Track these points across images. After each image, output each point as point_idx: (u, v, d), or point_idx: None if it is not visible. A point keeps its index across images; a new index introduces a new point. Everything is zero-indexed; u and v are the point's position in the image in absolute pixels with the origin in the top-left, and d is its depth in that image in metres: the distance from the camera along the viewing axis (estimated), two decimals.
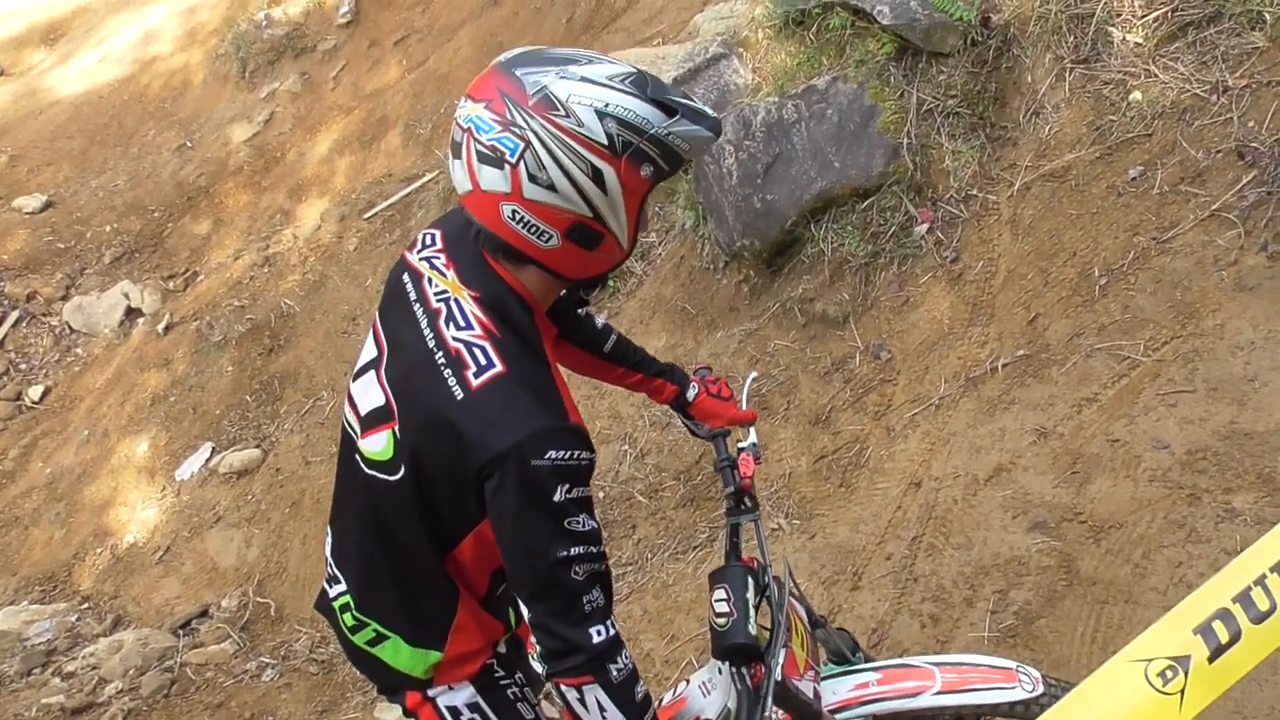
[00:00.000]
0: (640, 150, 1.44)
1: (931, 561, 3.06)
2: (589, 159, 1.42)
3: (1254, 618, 1.06)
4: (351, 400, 1.70)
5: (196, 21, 9.64)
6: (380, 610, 1.72)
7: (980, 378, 3.44)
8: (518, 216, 1.45)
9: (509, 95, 1.42)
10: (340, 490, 1.79)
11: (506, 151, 1.41)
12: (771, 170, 4.13)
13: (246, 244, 7.52)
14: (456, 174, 1.50)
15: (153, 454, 6.25)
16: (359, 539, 1.72)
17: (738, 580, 1.67)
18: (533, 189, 1.43)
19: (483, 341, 1.50)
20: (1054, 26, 3.81)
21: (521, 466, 1.42)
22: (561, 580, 1.46)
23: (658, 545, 3.83)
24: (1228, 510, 2.59)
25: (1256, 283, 2.96)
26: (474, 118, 1.44)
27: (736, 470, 1.90)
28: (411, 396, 1.57)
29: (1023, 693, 1.81)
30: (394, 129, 7.48)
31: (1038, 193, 3.70)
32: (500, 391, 1.46)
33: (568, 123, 1.40)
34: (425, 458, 1.55)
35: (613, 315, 4.91)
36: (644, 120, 1.43)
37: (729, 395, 2.07)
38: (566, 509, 1.45)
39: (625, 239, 1.53)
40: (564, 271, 1.55)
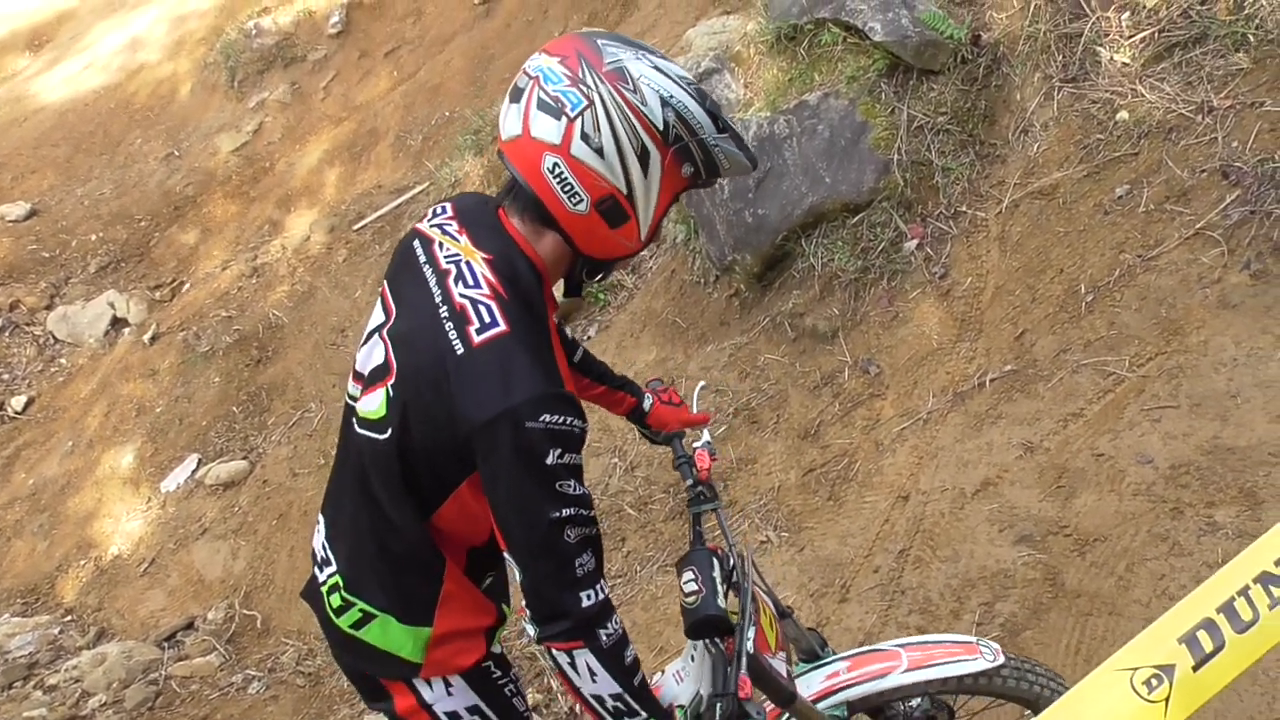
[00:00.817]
0: (688, 148, 1.52)
1: (919, 574, 3.08)
2: (643, 137, 1.48)
3: (1237, 628, 1.08)
4: (355, 368, 1.70)
5: (185, 30, 9.63)
6: (368, 587, 1.71)
7: (968, 393, 3.47)
8: (557, 171, 1.49)
9: (586, 57, 1.48)
10: (338, 467, 1.79)
11: (569, 104, 1.46)
12: (763, 185, 4.16)
13: (234, 254, 7.50)
14: (509, 118, 1.53)
15: (138, 465, 6.21)
16: (352, 512, 1.71)
17: (704, 561, 1.71)
18: (581, 147, 1.47)
19: (489, 300, 1.52)
20: (1043, 45, 3.86)
21: (516, 429, 1.43)
22: (554, 543, 1.47)
23: (647, 558, 3.84)
24: (1210, 524, 2.62)
25: (1240, 300, 3.00)
26: (544, 68, 1.49)
27: (694, 465, 2.02)
28: (411, 349, 1.58)
29: (984, 663, 1.89)
30: (384, 140, 7.49)
31: (1026, 210, 3.74)
32: (500, 351, 1.48)
33: (634, 98, 1.47)
34: (413, 413, 1.56)
35: (604, 328, 4.93)
36: (699, 123, 1.51)
37: (679, 401, 2.21)
38: (559, 473, 1.46)
39: (646, 229, 1.57)
40: (581, 243, 1.58)
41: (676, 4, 5.93)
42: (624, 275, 5.04)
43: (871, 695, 1.93)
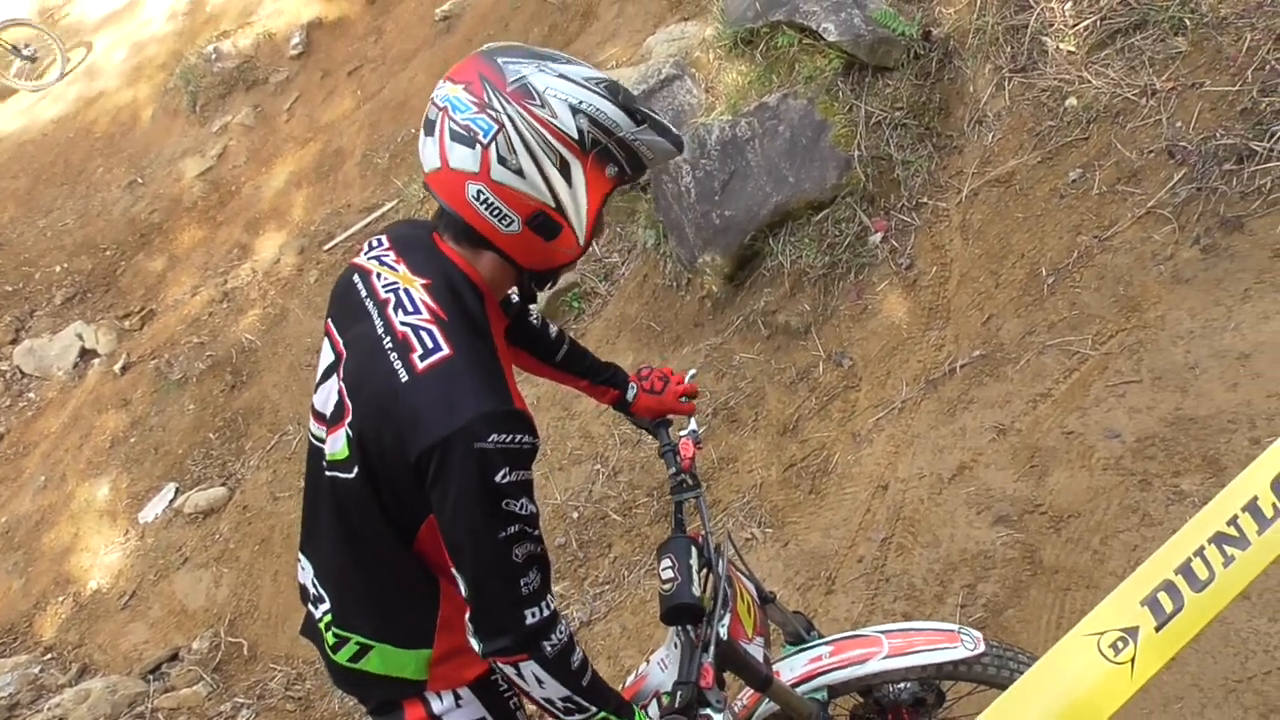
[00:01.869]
0: (607, 150, 1.52)
1: (902, 561, 3.14)
2: (559, 150, 1.48)
3: (1195, 587, 1.14)
4: (315, 410, 1.71)
5: (143, 56, 9.56)
6: (360, 620, 1.72)
7: (940, 379, 3.54)
8: (482, 197, 1.50)
9: (489, 79, 1.47)
10: (309, 508, 1.79)
11: (480, 132, 1.46)
12: (728, 187, 4.22)
13: (204, 280, 7.46)
14: (427, 151, 1.53)
15: (114, 497, 6.16)
16: (331, 549, 1.72)
17: (681, 549, 1.75)
18: (501, 171, 1.48)
19: (429, 325, 1.52)
20: (991, 38, 3.95)
21: (464, 450, 1.44)
22: (500, 562, 1.49)
23: (634, 562, 3.88)
24: (1177, 493, 2.70)
25: (1192, 275, 3.09)
26: (451, 97, 1.49)
27: (677, 454, 2.05)
28: (361, 385, 1.58)
29: (965, 651, 1.93)
30: (351, 159, 7.48)
31: (985, 198, 3.83)
32: (445, 374, 1.48)
33: (542, 113, 1.46)
34: (372, 446, 1.56)
35: (580, 335, 4.96)
36: (614, 123, 1.50)
37: (662, 387, 2.20)
38: (507, 491, 1.47)
39: (582, 235, 1.57)
40: (520, 259, 1.59)
41: (635, 13, 5.98)
42: (597, 283, 5.09)
43: (852, 680, 1.98)
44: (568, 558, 4.05)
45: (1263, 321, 2.84)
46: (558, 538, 4.12)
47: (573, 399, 4.58)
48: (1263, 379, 2.74)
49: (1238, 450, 2.65)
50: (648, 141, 1.54)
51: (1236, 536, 1.14)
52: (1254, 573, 1.13)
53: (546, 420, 4.57)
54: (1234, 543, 1.14)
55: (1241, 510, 1.15)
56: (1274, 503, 1.14)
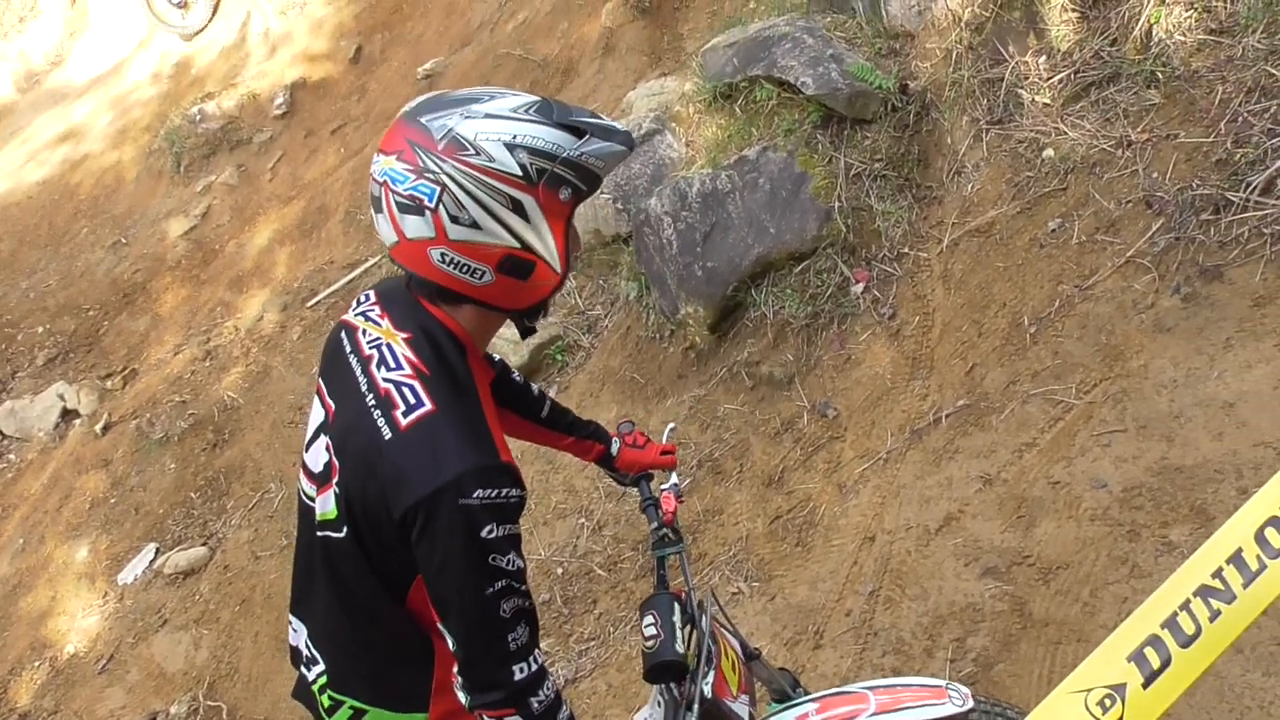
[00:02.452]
0: (555, 175, 1.47)
1: (890, 614, 3.10)
2: (506, 191, 1.45)
3: (1181, 642, 1.11)
4: (306, 468, 1.69)
5: (128, 119, 9.63)
6: (355, 683, 1.69)
7: (924, 429, 3.53)
8: (447, 259, 1.48)
9: (417, 143, 1.45)
10: (301, 568, 1.77)
11: (424, 198, 1.44)
12: (710, 239, 4.24)
13: (186, 339, 7.43)
14: (381, 228, 1.52)
15: (93, 559, 6.06)
16: (324, 610, 1.70)
17: (664, 606, 1.73)
18: (457, 230, 1.45)
19: (412, 380, 1.51)
20: (967, 90, 4.01)
21: (450, 507, 1.42)
22: (488, 618, 1.46)
23: (619, 618, 3.81)
24: (1166, 544, 2.68)
25: (1173, 323, 3.10)
26: (388, 170, 1.47)
27: (659, 508, 2.04)
28: (347, 444, 1.57)
29: (952, 708, 1.90)
30: (334, 216, 7.51)
31: (966, 248, 3.85)
32: (429, 431, 1.47)
33: (479, 160, 1.43)
34: (358, 505, 1.55)
35: (563, 388, 4.94)
36: (555, 146, 1.46)
37: (644, 443, 2.20)
38: (494, 547, 1.44)
39: (557, 262, 1.55)
40: (502, 304, 1.58)
41: (615, 69, 6.07)
42: (580, 335, 5.08)
43: None
44: (552, 614, 3.98)
45: (1246, 370, 2.84)
46: (542, 593, 4.05)
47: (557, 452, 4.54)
48: (1248, 428, 2.73)
49: (1225, 500, 2.63)
50: (594, 152, 1.49)
51: (1221, 589, 1.12)
52: (1241, 627, 1.10)
53: (530, 474, 4.53)
54: (1219, 595, 1.12)
55: (1226, 562, 1.13)
56: (1258, 554, 1.12)
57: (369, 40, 8.76)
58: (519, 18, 7.36)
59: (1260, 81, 3.21)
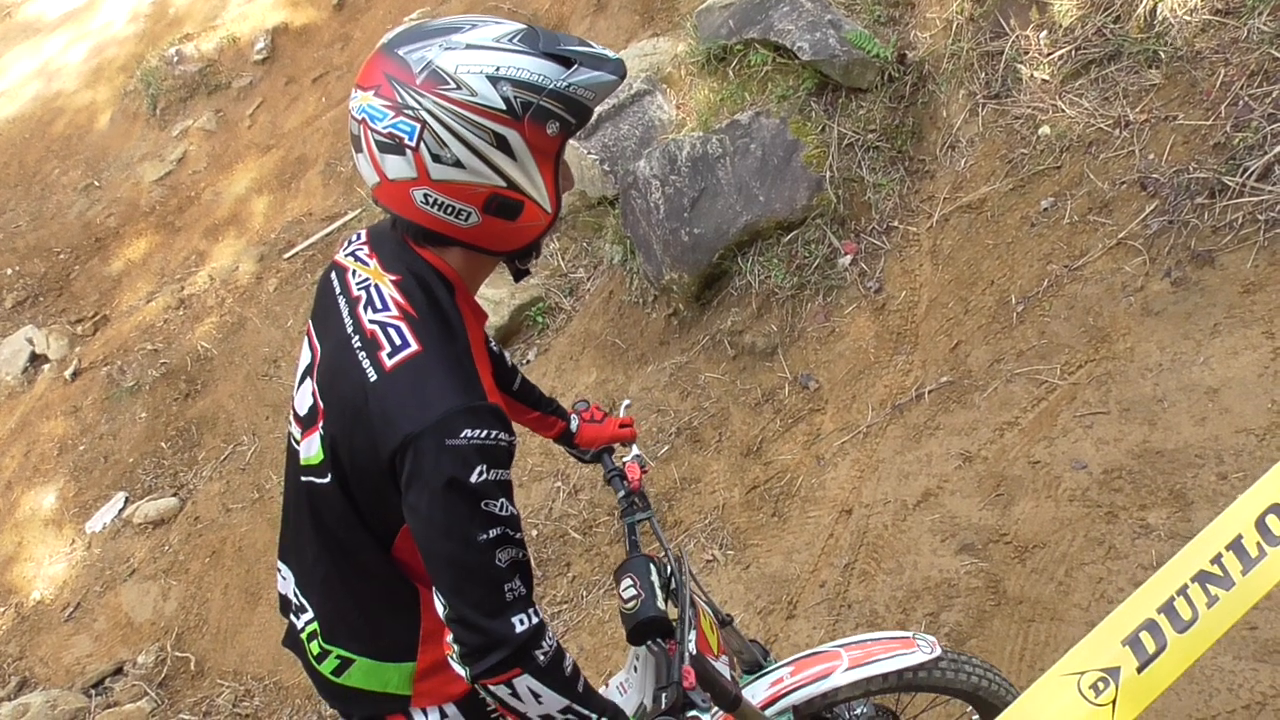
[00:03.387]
0: (542, 108, 1.39)
1: (865, 587, 3.10)
2: (490, 127, 1.37)
3: (1178, 627, 1.09)
4: (294, 411, 1.65)
5: (103, 58, 9.38)
6: (343, 632, 1.66)
7: (906, 405, 3.51)
8: (430, 200, 1.41)
9: (395, 78, 1.37)
10: (289, 514, 1.73)
11: (404, 136, 1.37)
12: (698, 204, 4.18)
13: (160, 286, 7.29)
14: (362, 167, 1.46)
15: (60, 506, 5.98)
16: (312, 557, 1.66)
17: (641, 567, 1.71)
18: (439, 169, 1.39)
19: (398, 321, 1.46)
20: (966, 63, 3.96)
21: (437, 447, 1.36)
22: (482, 567, 1.40)
23: (593, 582, 3.80)
24: (1143, 526, 2.68)
25: (1162, 308, 3.08)
26: (365, 107, 1.40)
27: (624, 477, 2.04)
28: (332, 386, 1.53)
29: (922, 655, 1.94)
30: (314, 167, 7.36)
31: (956, 224, 3.81)
32: (414, 371, 1.42)
33: (460, 95, 1.35)
34: (344, 450, 1.50)
35: (543, 352, 4.89)
36: (540, 77, 1.38)
37: (601, 417, 2.20)
38: (486, 490, 1.38)
39: (547, 201, 1.48)
40: (490, 246, 1.51)
41: (606, 27, 5.95)
42: (562, 297, 5.02)
43: (816, 697, 1.96)
44: None
45: (1232, 357, 2.83)
46: None
47: None
48: (1231, 415, 2.73)
49: (1205, 486, 2.63)
50: (583, 82, 1.40)
51: (1221, 576, 1.10)
52: (1239, 613, 1.08)
53: None
54: (1218, 582, 1.10)
55: (1225, 548, 1.10)
56: (1258, 541, 1.10)
57: None
58: None
59: (1264, 65, 3.18)
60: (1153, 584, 1.14)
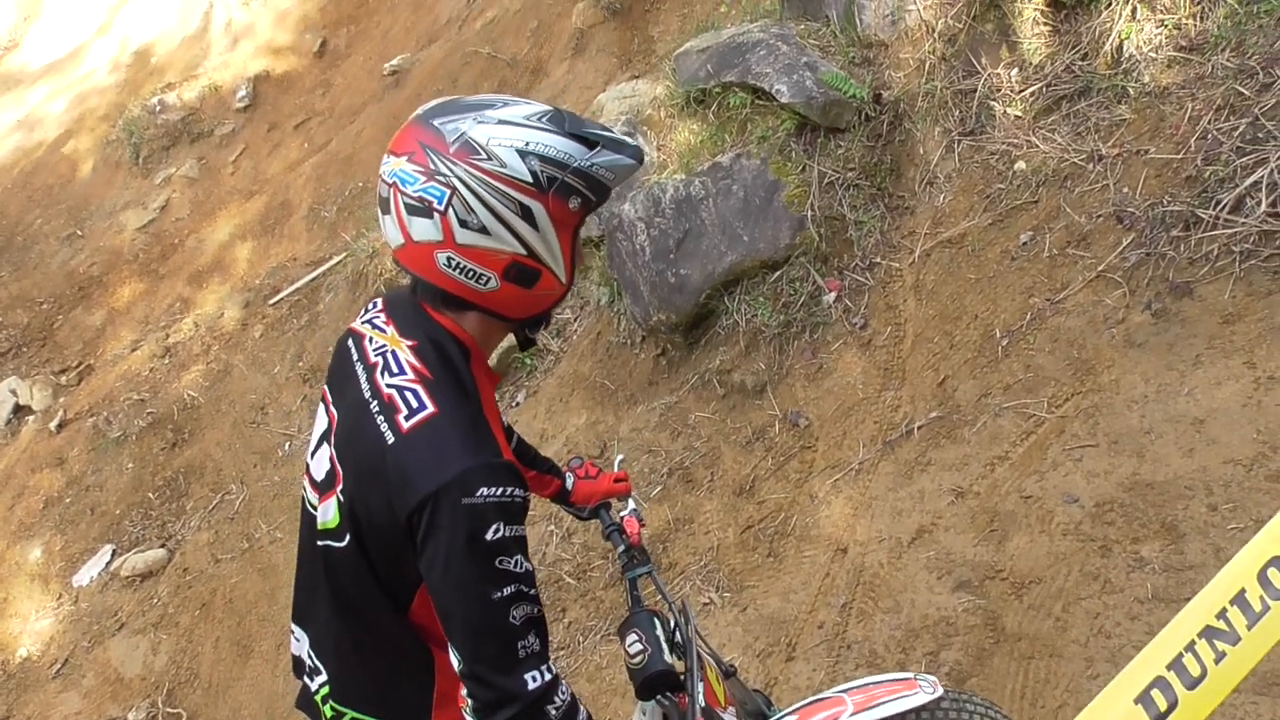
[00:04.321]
0: (566, 184, 1.48)
1: (863, 627, 3.10)
2: (516, 197, 1.45)
3: (1188, 684, 1.11)
4: (309, 474, 1.68)
5: (85, 107, 9.39)
6: (357, 694, 1.68)
7: (896, 440, 3.54)
8: (453, 263, 1.48)
9: (429, 145, 1.45)
10: (303, 578, 1.75)
11: (434, 200, 1.44)
12: (683, 245, 4.22)
13: (144, 334, 7.27)
14: (388, 229, 1.51)
15: (47, 560, 5.91)
16: (326, 619, 1.68)
17: (645, 622, 1.74)
18: (464, 234, 1.45)
19: (414, 385, 1.51)
20: (940, 102, 4.02)
21: (453, 506, 1.40)
22: (496, 624, 1.43)
23: (589, 627, 3.79)
24: (1137, 560, 2.70)
25: (1144, 339, 3.13)
26: (398, 172, 1.46)
27: (623, 532, 2.06)
28: (350, 451, 1.57)
29: (924, 696, 1.94)
30: (297, 213, 7.38)
31: (938, 259, 3.86)
32: (431, 431, 1.46)
33: (490, 165, 1.43)
34: (362, 512, 1.54)
35: (532, 394, 4.90)
36: (566, 155, 1.47)
37: (596, 473, 2.23)
38: (502, 547, 1.42)
39: (563, 273, 1.55)
40: (506, 312, 1.57)
41: (586, 69, 6.02)
42: (550, 339, 5.04)
43: None
44: None
45: (1215, 387, 2.88)
46: None
47: None
48: (1218, 445, 2.77)
49: (1196, 517, 2.67)
50: (605, 163, 1.50)
51: (1226, 631, 1.12)
52: (1246, 668, 1.10)
53: None
54: (1224, 637, 1.12)
55: (1230, 603, 1.12)
56: (1261, 595, 1.12)
57: (334, 34, 8.63)
58: (488, 15, 7.28)
59: (1229, 100, 3.26)
60: (1160, 641, 1.15)
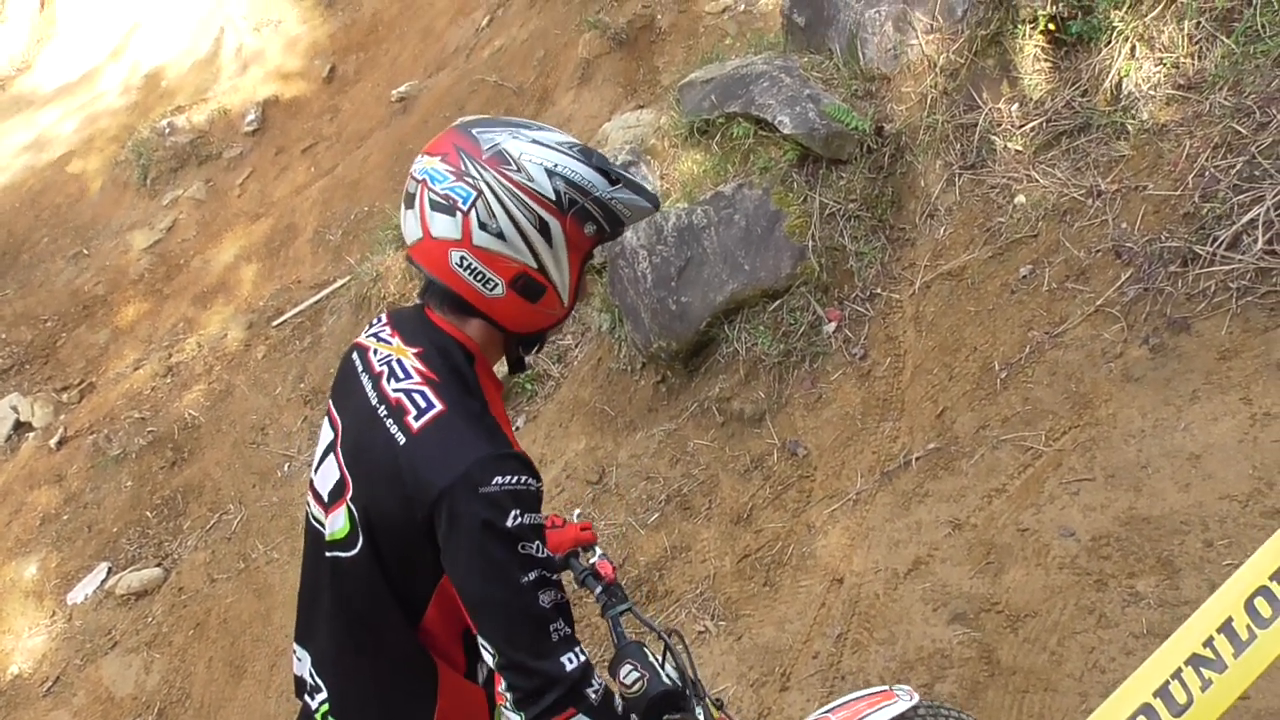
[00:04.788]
0: (585, 209, 1.55)
1: (858, 658, 3.09)
2: (537, 211, 1.52)
3: (1174, 711, 1.11)
4: (314, 489, 1.69)
5: (95, 128, 9.48)
6: (357, 709, 1.69)
7: (894, 471, 3.54)
8: (465, 263, 1.53)
9: (464, 149, 1.52)
10: (307, 595, 1.76)
11: (459, 199, 1.50)
12: (684, 273, 4.25)
13: (147, 354, 7.29)
14: (408, 223, 1.57)
15: (42, 577, 5.90)
16: (330, 635, 1.69)
17: (635, 651, 1.74)
18: (482, 236, 1.51)
19: (421, 386, 1.55)
20: (942, 135, 4.06)
21: (470, 496, 1.44)
22: (527, 609, 1.46)
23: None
24: (1133, 594, 2.70)
25: (1142, 374, 3.14)
26: (429, 169, 1.53)
27: (598, 575, 2.06)
28: (360, 457, 1.60)
29: (903, 704, 2.00)
30: (303, 235, 7.43)
31: (938, 291, 3.88)
32: (441, 428, 1.50)
33: (519, 176, 1.51)
34: (377, 518, 1.56)
35: (532, 419, 4.91)
36: (589, 183, 1.55)
37: (561, 523, 2.22)
38: (522, 534, 1.46)
39: (566, 295, 1.61)
40: (507, 323, 1.62)
41: (591, 99, 6.09)
42: (550, 364, 5.05)
43: None
44: None
45: (1212, 423, 2.88)
46: None
47: None
48: (1214, 480, 2.77)
49: (1191, 552, 2.66)
50: (624, 200, 1.58)
51: (1213, 659, 1.12)
52: (1233, 696, 1.11)
53: None
54: (1211, 665, 1.12)
55: (1217, 631, 1.13)
56: (1248, 624, 1.13)
57: (343, 60, 8.73)
58: (495, 44, 7.37)
59: (1227, 138, 3.29)
60: (1147, 668, 1.16)
